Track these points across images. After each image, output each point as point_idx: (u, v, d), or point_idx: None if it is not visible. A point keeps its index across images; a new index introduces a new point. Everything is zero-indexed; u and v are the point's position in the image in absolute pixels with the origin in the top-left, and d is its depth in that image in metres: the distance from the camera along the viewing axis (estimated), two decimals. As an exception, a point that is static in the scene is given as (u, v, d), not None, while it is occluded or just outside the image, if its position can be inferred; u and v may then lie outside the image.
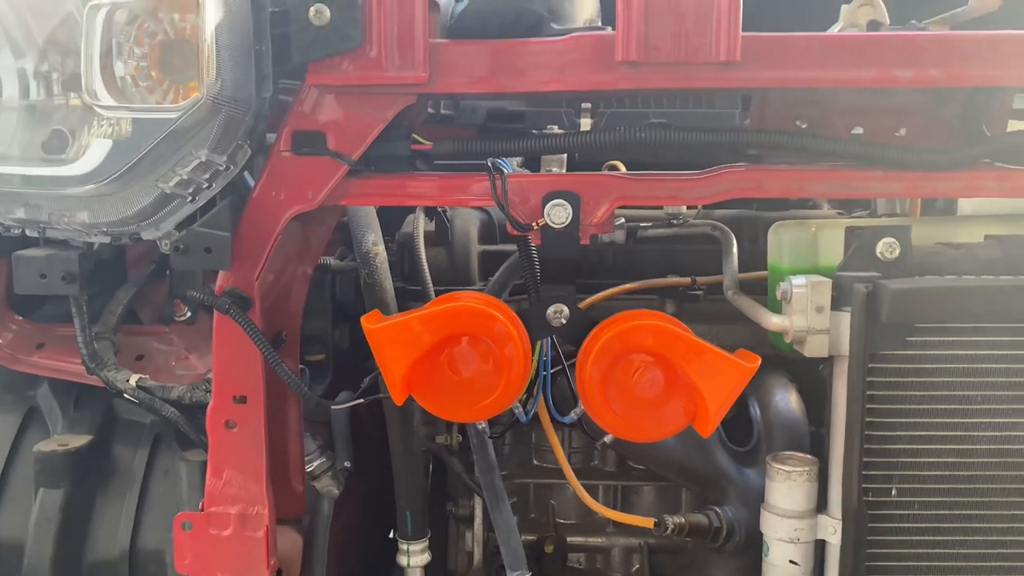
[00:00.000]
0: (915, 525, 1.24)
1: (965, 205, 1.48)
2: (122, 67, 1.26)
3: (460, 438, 1.70)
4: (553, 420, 1.41)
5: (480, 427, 1.44)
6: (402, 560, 1.62)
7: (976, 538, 1.24)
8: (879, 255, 1.21)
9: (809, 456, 1.31)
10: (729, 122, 1.79)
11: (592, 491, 1.72)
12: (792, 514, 1.26)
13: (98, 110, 1.26)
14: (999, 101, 1.30)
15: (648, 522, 1.48)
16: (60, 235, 1.38)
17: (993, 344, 1.20)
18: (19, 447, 1.65)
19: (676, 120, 1.96)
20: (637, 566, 1.77)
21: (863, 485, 1.22)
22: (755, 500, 1.41)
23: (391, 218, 1.81)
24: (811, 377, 1.63)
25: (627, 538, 1.77)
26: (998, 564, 1.25)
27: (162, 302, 1.77)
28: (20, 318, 1.71)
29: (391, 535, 1.70)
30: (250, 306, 1.31)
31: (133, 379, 1.54)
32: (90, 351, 1.54)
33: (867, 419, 1.20)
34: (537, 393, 1.33)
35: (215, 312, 1.32)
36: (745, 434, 1.62)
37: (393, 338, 1.16)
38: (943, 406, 1.22)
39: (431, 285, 1.63)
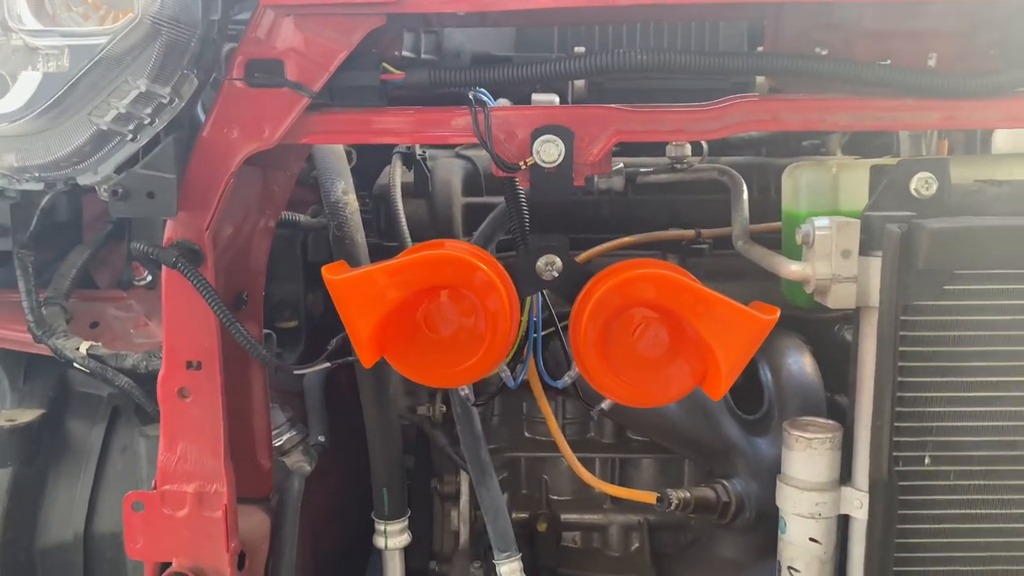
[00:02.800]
0: (951, 498, 1.13)
1: (1001, 145, 1.35)
2: None
3: (444, 409, 1.61)
4: (545, 386, 1.32)
5: (463, 393, 1.32)
6: (379, 542, 1.53)
7: (1019, 511, 1.13)
8: (914, 192, 1.08)
9: (831, 422, 1.19)
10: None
11: (588, 465, 1.64)
12: (813, 486, 1.15)
13: (23, 37, 1.14)
14: (1044, 21, 1.16)
15: (650, 497, 1.39)
16: None
17: (1041, 293, 1.07)
18: (-37, 424, 1.58)
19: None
20: (637, 544, 1.69)
21: (893, 453, 1.09)
22: (766, 472, 1.33)
23: (368, 170, 1.72)
24: (826, 339, 1.55)
25: (626, 515, 1.69)
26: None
27: (120, 265, 1.67)
28: (-41, 283, 1.63)
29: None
30: (201, 260, 1.20)
31: (83, 346, 1.44)
32: (36, 316, 1.44)
33: (899, 379, 1.08)
34: (527, 356, 1.23)
35: (163, 268, 1.20)
36: (754, 401, 1.53)
37: (356, 292, 1.04)
38: (984, 363, 1.10)
39: (409, 241, 1.54)
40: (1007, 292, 1.07)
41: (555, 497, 1.71)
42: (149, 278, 1.62)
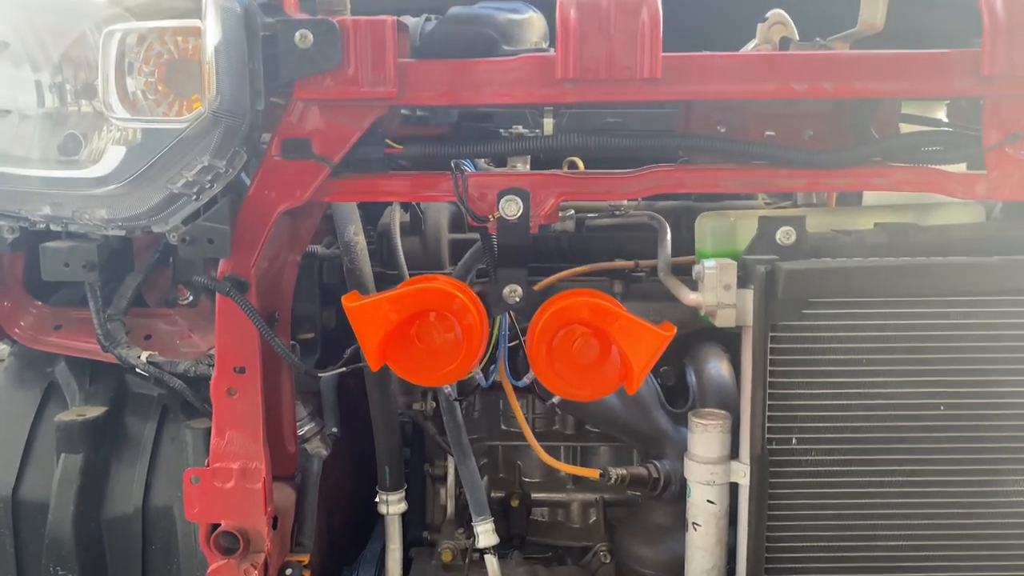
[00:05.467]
0: (813, 468, 1.45)
1: (868, 196, 1.69)
2: (133, 83, 1.41)
3: (434, 404, 1.87)
4: (513, 386, 1.57)
5: (447, 391, 1.64)
6: (382, 508, 1.81)
7: (863, 478, 1.46)
8: (778, 241, 1.42)
9: (723, 412, 1.52)
10: (674, 123, 2.01)
11: (554, 452, 1.93)
12: (708, 460, 1.47)
13: (114, 121, 1.43)
14: (886, 108, 1.51)
15: (594, 472, 1.69)
16: (80, 229, 1.54)
17: (875, 316, 1.41)
18: (41, 418, 1.80)
19: (630, 120, 2.18)
20: (594, 519, 1.97)
21: (767, 436, 1.43)
22: None
23: (374, 210, 1.99)
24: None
25: (585, 494, 1.97)
26: (882, 501, 1.47)
27: (166, 288, 1.92)
28: (39, 303, 1.88)
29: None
30: (247, 289, 1.48)
31: (144, 355, 1.70)
32: (104, 331, 1.70)
33: (769, 379, 1.41)
34: (497, 361, 1.51)
35: (217, 294, 1.50)
36: (682, 398, 1.83)
37: (367, 315, 1.36)
38: (835, 368, 1.42)
39: (406, 271, 1.82)
40: (849, 315, 1.39)
41: (527, 479, 1.99)
42: (191, 298, 1.86)
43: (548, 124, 1.80)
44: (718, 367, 1.78)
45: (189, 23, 1.40)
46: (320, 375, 1.65)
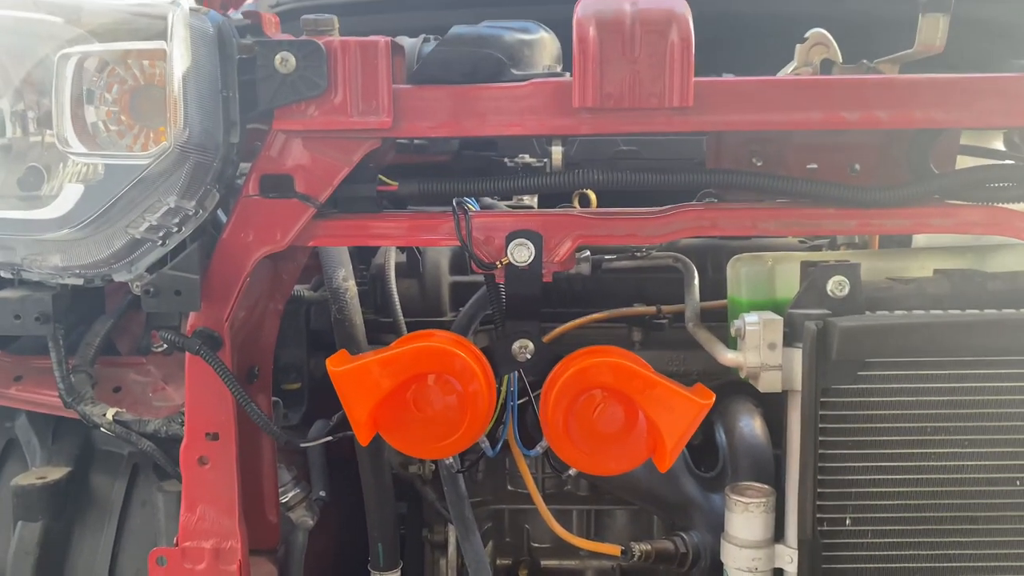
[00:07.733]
0: (870, 553, 1.27)
1: (919, 237, 1.52)
2: (93, 113, 1.28)
3: (433, 467, 1.71)
4: None
5: (448, 462, 1.46)
6: None
7: (928, 565, 1.28)
8: (829, 292, 1.24)
9: (766, 487, 1.34)
10: (697, 150, 1.85)
11: (566, 515, 1.77)
12: (750, 544, 1.29)
13: (70, 156, 1.28)
14: (946, 140, 1.34)
15: (615, 549, 1.51)
16: (34, 277, 1.40)
17: (941, 378, 1.23)
18: (-3, 480, 1.66)
19: (645, 148, 2.02)
20: (610, 588, 1.80)
21: (817, 515, 1.25)
22: (721, 525, 1.41)
23: (368, 248, 1.82)
24: (777, 403, 1.67)
25: (600, 561, 1.80)
26: (951, 589, 1.29)
27: (139, 332, 1.78)
28: (-2, 351, 1.73)
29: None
30: (220, 346, 1.33)
31: (110, 413, 1.55)
32: (67, 385, 1.55)
33: (820, 451, 1.23)
34: (505, 425, 1.35)
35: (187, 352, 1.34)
36: (713, 459, 1.65)
37: (355, 381, 1.19)
38: (895, 438, 1.25)
39: (402, 318, 1.66)
40: (911, 377, 1.22)
41: (536, 545, 1.82)
42: (166, 345, 1.76)
43: (557, 153, 1.63)
44: (751, 425, 1.61)
45: (156, 45, 1.26)
46: (303, 445, 1.46)
